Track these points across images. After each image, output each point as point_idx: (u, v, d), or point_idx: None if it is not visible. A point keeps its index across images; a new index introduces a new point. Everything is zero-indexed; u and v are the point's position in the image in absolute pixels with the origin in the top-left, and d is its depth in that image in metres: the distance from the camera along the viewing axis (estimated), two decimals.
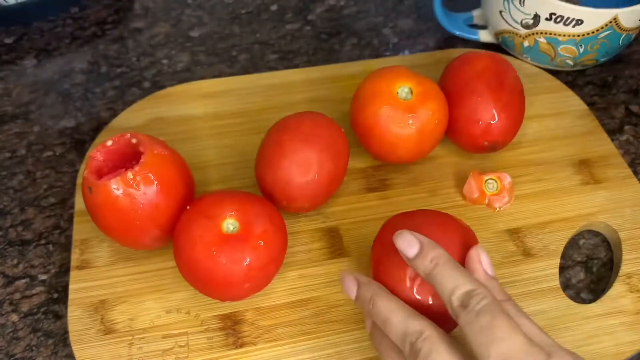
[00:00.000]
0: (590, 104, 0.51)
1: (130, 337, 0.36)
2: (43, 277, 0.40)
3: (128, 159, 0.36)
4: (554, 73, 0.52)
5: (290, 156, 0.37)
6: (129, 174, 0.34)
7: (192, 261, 0.34)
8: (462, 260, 0.32)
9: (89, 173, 0.35)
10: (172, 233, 0.36)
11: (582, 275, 0.40)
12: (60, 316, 0.38)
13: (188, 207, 0.36)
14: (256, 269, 0.34)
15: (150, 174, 0.34)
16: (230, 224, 0.34)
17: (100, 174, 0.35)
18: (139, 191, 0.34)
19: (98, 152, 0.35)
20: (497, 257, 0.40)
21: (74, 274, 0.39)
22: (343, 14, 0.59)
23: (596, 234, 0.43)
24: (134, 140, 0.36)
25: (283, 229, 0.36)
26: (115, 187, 0.33)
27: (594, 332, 0.36)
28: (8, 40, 0.56)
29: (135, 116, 0.48)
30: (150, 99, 0.49)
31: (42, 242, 0.42)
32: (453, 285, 0.28)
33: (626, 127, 0.49)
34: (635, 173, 0.45)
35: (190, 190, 0.37)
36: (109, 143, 0.36)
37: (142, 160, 0.34)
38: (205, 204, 0.35)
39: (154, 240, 0.36)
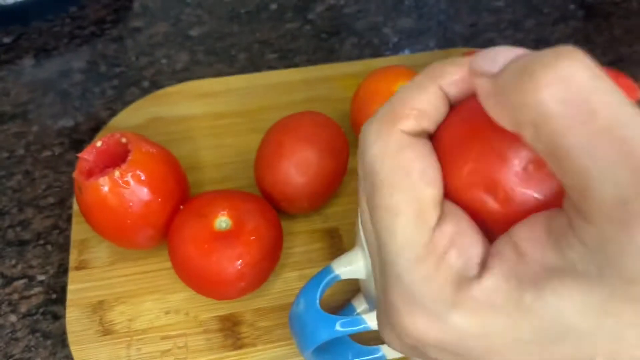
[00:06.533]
0: None
1: (129, 338, 0.36)
2: (41, 277, 0.40)
3: (120, 159, 0.36)
4: None
5: (290, 156, 0.37)
6: (116, 172, 0.33)
7: (185, 260, 0.34)
8: None
9: (78, 173, 0.34)
10: (167, 233, 0.35)
11: None
12: (59, 317, 0.38)
13: (182, 207, 0.36)
14: (249, 265, 0.34)
15: (138, 172, 0.34)
16: (222, 222, 0.34)
17: (92, 175, 0.35)
18: (127, 189, 0.33)
19: (87, 153, 0.35)
20: None
21: (72, 275, 0.38)
22: (343, 13, 0.59)
23: None
24: (123, 140, 0.35)
25: (277, 225, 0.36)
26: (103, 185, 0.33)
27: None
28: (6, 40, 0.56)
29: (134, 116, 0.47)
30: (149, 98, 0.49)
31: (41, 242, 0.42)
32: None
33: None
34: None
35: (184, 190, 0.37)
36: (99, 144, 0.35)
37: (129, 158, 0.34)
38: (199, 203, 0.35)
39: (148, 240, 0.36)
